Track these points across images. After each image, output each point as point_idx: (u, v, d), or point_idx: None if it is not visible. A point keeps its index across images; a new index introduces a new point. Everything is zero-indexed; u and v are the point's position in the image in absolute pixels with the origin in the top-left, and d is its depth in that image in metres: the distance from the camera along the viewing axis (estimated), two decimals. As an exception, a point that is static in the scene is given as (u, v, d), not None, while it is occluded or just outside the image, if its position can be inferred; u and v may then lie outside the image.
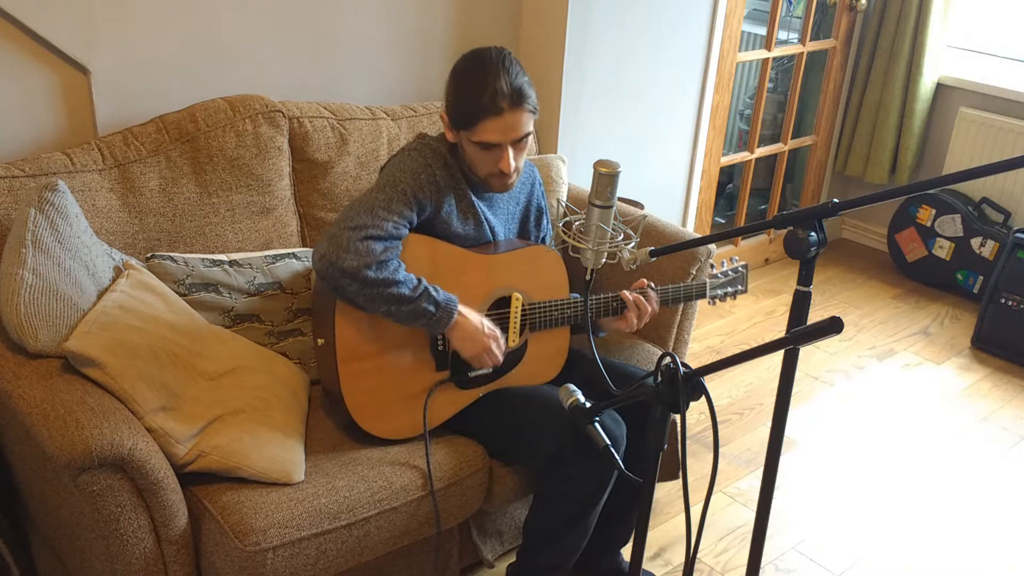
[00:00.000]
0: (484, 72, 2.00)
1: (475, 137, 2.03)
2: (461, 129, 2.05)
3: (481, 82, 1.99)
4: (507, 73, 2.00)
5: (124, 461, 1.70)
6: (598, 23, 3.02)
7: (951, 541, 2.67)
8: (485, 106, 1.99)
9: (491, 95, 1.98)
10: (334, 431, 2.14)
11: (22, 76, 2.20)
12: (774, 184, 4.26)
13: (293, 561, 1.86)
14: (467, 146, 2.07)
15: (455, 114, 2.05)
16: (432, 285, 2.01)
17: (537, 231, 2.34)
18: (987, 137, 3.96)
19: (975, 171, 1.40)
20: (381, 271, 1.94)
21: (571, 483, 2.06)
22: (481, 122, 2.00)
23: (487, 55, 2.03)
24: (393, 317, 1.99)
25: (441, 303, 2.00)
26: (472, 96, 2.00)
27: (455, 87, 2.05)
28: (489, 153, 2.05)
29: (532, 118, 2.06)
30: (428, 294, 1.99)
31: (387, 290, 1.94)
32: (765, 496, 1.66)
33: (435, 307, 1.99)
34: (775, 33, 3.79)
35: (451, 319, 2.02)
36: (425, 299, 1.98)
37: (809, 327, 1.28)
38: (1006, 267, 3.61)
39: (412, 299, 1.97)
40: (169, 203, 2.24)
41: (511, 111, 2.00)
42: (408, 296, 1.96)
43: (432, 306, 1.99)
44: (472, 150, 2.06)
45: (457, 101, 2.04)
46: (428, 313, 1.99)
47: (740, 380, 3.39)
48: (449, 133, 2.10)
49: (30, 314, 1.81)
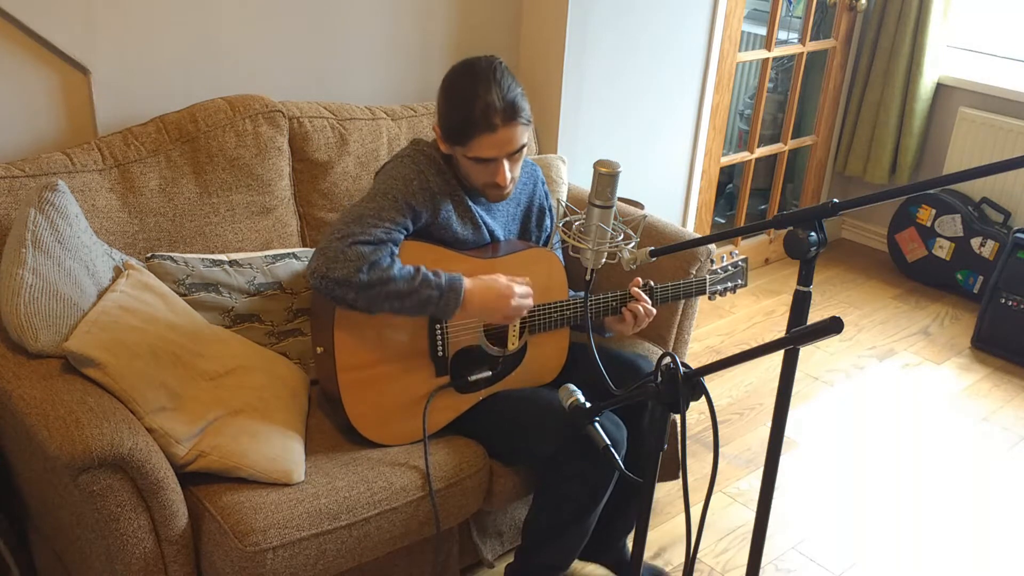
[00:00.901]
0: (475, 85, 1.96)
1: (470, 153, 2.00)
2: (455, 144, 2.02)
3: (472, 97, 1.95)
4: (499, 86, 1.96)
5: (124, 461, 1.70)
6: (598, 23, 3.02)
7: (951, 541, 2.67)
8: (478, 122, 1.95)
9: (483, 110, 1.94)
10: (334, 431, 2.14)
11: (22, 76, 2.20)
12: (774, 184, 4.26)
13: (293, 561, 1.86)
14: (461, 159, 2.04)
15: (448, 129, 2.01)
16: (433, 270, 1.98)
17: (539, 231, 2.34)
18: (987, 137, 3.96)
19: (975, 171, 1.40)
20: (373, 271, 1.91)
21: (571, 484, 2.06)
22: (475, 139, 1.97)
23: (477, 67, 1.98)
24: (400, 312, 1.97)
25: (444, 285, 1.96)
26: (464, 112, 1.96)
27: (446, 101, 2.01)
28: (485, 167, 2.03)
29: (527, 130, 2.03)
30: (427, 281, 1.95)
31: (384, 288, 1.92)
32: (765, 496, 1.66)
33: (438, 291, 1.96)
34: (775, 33, 3.79)
35: (459, 299, 1.98)
36: (425, 286, 1.95)
37: (809, 327, 1.28)
38: (1006, 267, 3.61)
39: (412, 291, 1.94)
40: (169, 203, 2.24)
41: (505, 126, 1.97)
42: (406, 289, 1.93)
43: (435, 290, 1.96)
44: (467, 163, 2.04)
45: (449, 116, 2.00)
46: (432, 299, 1.96)
47: (740, 380, 3.39)
48: (442, 145, 2.07)
49: (30, 314, 1.81)
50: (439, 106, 2.04)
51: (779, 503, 2.78)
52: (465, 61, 2.02)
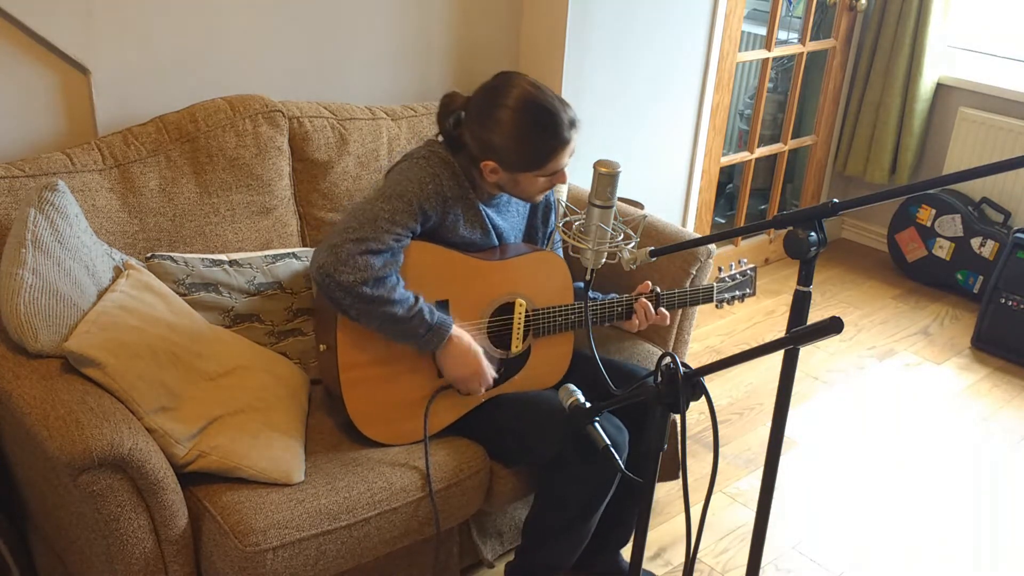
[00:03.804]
0: (550, 112, 1.99)
1: (545, 172, 2.03)
2: (526, 171, 2.03)
3: (556, 124, 1.99)
4: (560, 101, 2.02)
5: (124, 461, 1.70)
6: (598, 23, 3.02)
7: (951, 541, 2.67)
8: (560, 141, 2.00)
9: (562, 129, 2.00)
10: (334, 431, 2.14)
11: (22, 76, 2.20)
12: (774, 184, 4.26)
13: (293, 561, 1.86)
14: (525, 181, 2.05)
15: (520, 160, 2.02)
16: (429, 305, 1.99)
17: (544, 227, 2.34)
18: (987, 137, 3.96)
19: (975, 171, 1.40)
20: (378, 288, 1.92)
21: (572, 486, 2.06)
22: (553, 158, 2.01)
23: (542, 99, 1.99)
24: (383, 332, 1.99)
25: (433, 325, 1.99)
26: (545, 138, 1.99)
27: (519, 135, 1.99)
28: (550, 177, 2.06)
29: None
30: (421, 317, 1.97)
31: (381, 308, 1.93)
32: (765, 496, 1.66)
33: (426, 329, 1.98)
34: (775, 33, 3.79)
35: (441, 341, 2.01)
36: (418, 321, 1.97)
37: (809, 327, 1.28)
38: (1006, 267, 3.61)
39: (405, 320, 1.95)
40: (169, 203, 2.24)
41: (573, 135, 2.03)
42: (401, 317, 1.95)
43: (422, 328, 1.98)
44: (530, 182, 2.06)
45: (523, 147, 2.00)
46: (418, 335, 1.98)
47: (740, 380, 3.39)
48: (494, 175, 2.06)
49: (30, 314, 1.81)
50: (501, 142, 2.00)
51: (779, 503, 2.78)
52: (523, 96, 1.99)
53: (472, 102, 2.06)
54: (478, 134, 2.03)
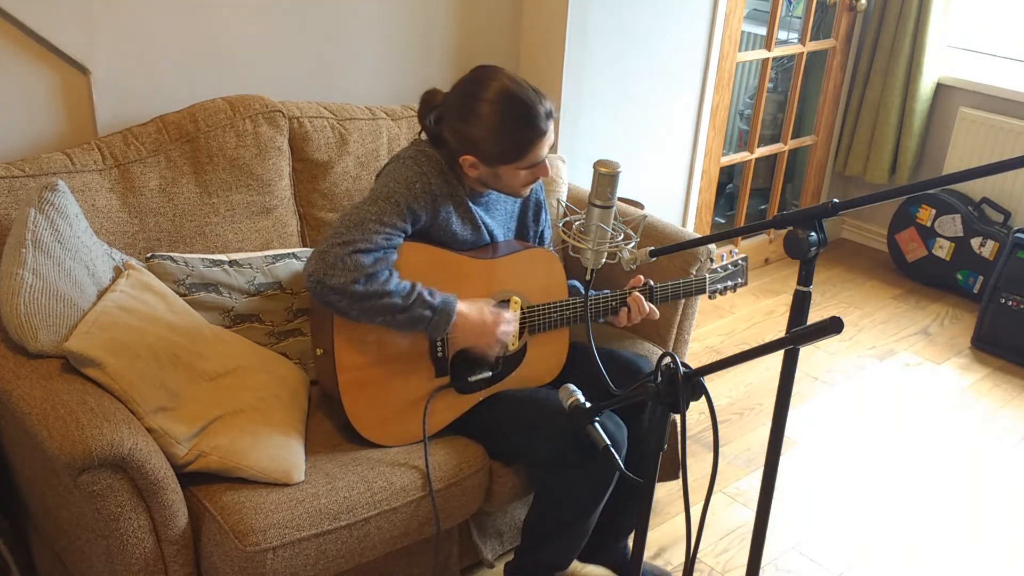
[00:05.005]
0: (526, 104, 1.98)
1: (525, 164, 2.03)
2: (507, 163, 2.03)
3: (533, 115, 1.98)
4: (536, 92, 2.01)
5: (124, 461, 1.70)
6: (598, 23, 3.02)
7: (951, 541, 2.67)
8: (537, 132, 2.00)
9: (542, 119, 2.00)
10: (334, 431, 2.14)
11: (22, 76, 2.20)
12: (774, 184, 4.26)
13: (293, 561, 1.86)
14: (506, 174, 2.05)
15: (499, 152, 2.01)
16: (428, 288, 2.00)
17: (536, 226, 2.34)
18: (987, 137, 3.96)
19: (975, 171, 1.40)
20: (370, 283, 1.92)
21: (572, 484, 2.06)
22: (532, 149, 2.01)
23: (518, 90, 1.99)
24: (391, 326, 1.98)
25: (437, 306, 1.98)
26: (522, 129, 1.99)
27: (497, 127, 1.99)
28: (531, 170, 2.06)
29: None
30: (422, 299, 1.97)
31: (379, 301, 1.93)
32: (765, 496, 1.66)
33: (432, 311, 1.98)
34: (775, 33, 3.79)
35: (450, 320, 2.01)
36: (420, 305, 1.96)
37: (809, 327, 1.28)
38: (1006, 267, 3.61)
39: (406, 307, 1.95)
40: (169, 203, 2.24)
41: (550, 125, 2.03)
42: (401, 305, 1.94)
43: (428, 311, 1.97)
44: (511, 175, 2.05)
45: (501, 139, 2.00)
46: (425, 319, 1.98)
47: (740, 380, 3.39)
48: (474, 170, 2.06)
49: (30, 314, 1.81)
50: (478, 135, 2.00)
51: (779, 503, 2.78)
52: (501, 88, 1.99)
53: (450, 98, 2.06)
54: (457, 129, 2.03)
